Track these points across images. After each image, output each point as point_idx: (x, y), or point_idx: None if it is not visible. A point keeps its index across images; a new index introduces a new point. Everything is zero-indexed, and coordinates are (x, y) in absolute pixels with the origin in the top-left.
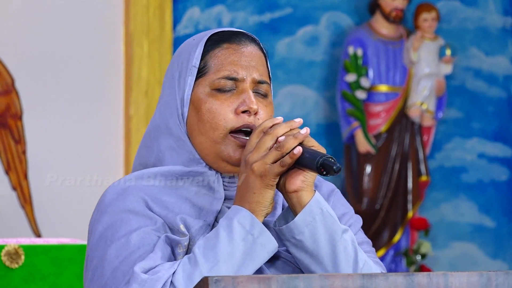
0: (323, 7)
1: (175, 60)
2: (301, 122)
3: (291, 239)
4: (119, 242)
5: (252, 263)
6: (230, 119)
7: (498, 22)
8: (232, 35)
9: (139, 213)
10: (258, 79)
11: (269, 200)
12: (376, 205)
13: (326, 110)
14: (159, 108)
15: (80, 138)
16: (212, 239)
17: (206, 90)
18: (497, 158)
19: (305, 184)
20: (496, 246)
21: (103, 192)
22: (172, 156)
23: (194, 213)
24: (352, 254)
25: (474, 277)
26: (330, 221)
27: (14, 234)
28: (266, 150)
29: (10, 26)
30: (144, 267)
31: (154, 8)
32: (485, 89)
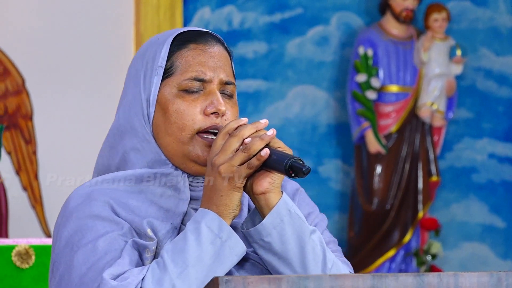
0: (334, 7)
1: (139, 58)
2: (266, 123)
3: (259, 241)
4: (86, 248)
5: (221, 266)
6: (198, 120)
7: (509, 22)
8: (198, 35)
9: (105, 218)
10: (225, 80)
11: (236, 203)
12: (387, 205)
13: (337, 111)
14: (123, 108)
15: (90, 139)
16: (180, 243)
17: (173, 91)
18: (507, 158)
19: (273, 185)
20: (506, 246)
21: (68, 197)
22: (137, 157)
23: (161, 216)
24: (321, 255)
25: (484, 277)
26: (298, 223)
27: (25, 234)
28: (232, 152)
29: (21, 27)
30: (113, 273)
31: (165, 9)
32: (496, 89)
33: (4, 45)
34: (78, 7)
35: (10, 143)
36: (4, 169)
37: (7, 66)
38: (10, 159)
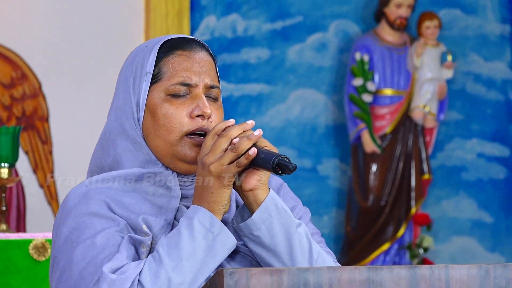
0: (332, 15)
1: (129, 65)
2: (253, 124)
3: (249, 235)
4: (85, 244)
5: (213, 259)
6: (185, 123)
7: (497, 30)
8: (184, 42)
9: (102, 216)
10: (210, 84)
11: (226, 199)
12: (382, 201)
13: (335, 113)
14: (114, 112)
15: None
16: (174, 238)
17: (161, 96)
18: (495, 158)
19: (260, 183)
20: (494, 240)
21: (65, 196)
22: (129, 158)
23: (154, 212)
24: (307, 247)
25: (473, 269)
26: (285, 217)
27: (41, 229)
28: (221, 152)
29: (38, 34)
30: (111, 267)
31: (173, 16)
32: (484, 92)
33: (22, 51)
34: (91, 15)
35: (27, 143)
36: (22, 168)
37: (24, 71)
38: (28, 158)
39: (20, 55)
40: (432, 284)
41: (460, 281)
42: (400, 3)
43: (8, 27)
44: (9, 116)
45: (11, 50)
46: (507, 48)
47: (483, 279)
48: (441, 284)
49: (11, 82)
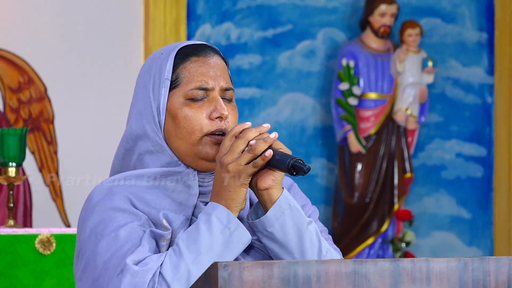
0: (320, 24)
1: (146, 72)
2: (269, 127)
3: (263, 231)
4: (109, 237)
5: (230, 253)
6: (205, 125)
7: (474, 37)
8: (198, 48)
9: (125, 211)
10: (225, 86)
11: (242, 197)
12: (366, 198)
13: (322, 115)
14: (134, 116)
15: (104, 140)
16: (193, 233)
17: (180, 100)
18: (473, 157)
19: (275, 182)
20: (471, 235)
21: (90, 192)
22: (152, 159)
23: (174, 208)
24: (317, 244)
25: (452, 262)
26: (297, 215)
27: (46, 224)
28: (239, 153)
29: (44, 42)
30: (134, 259)
31: (171, 25)
32: (463, 96)
33: (29, 57)
34: (94, 24)
35: (33, 144)
36: (29, 167)
37: (31, 76)
38: (34, 158)
39: (27, 61)
40: (413, 276)
41: (440, 273)
42: (384, 12)
43: (15, 34)
44: (17, 119)
45: (19, 56)
46: (484, 54)
47: (461, 271)
48: (422, 276)
49: (19, 86)
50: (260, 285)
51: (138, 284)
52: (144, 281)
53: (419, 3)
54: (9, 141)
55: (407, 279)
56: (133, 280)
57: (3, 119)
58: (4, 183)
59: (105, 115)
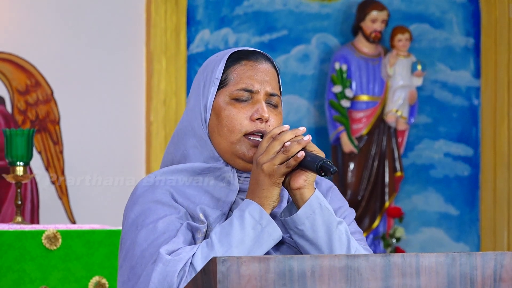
0: (314, 29)
1: (201, 72)
2: (304, 130)
3: (294, 228)
4: (148, 227)
5: (260, 248)
6: (245, 125)
7: (462, 42)
8: (250, 54)
9: (165, 204)
10: (270, 92)
11: (276, 196)
12: (358, 196)
13: (316, 117)
14: (187, 112)
15: (108, 141)
16: (226, 227)
17: (226, 99)
18: (460, 157)
19: (307, 182)
20: (459, 231)
21: (136, 185)
22: (195, 154)
23: (212, 204)
24: (346, 242)
25: (441, 257)
26: (327, 214)
27: (53, 221)
28: (274, 153)
29: (50, 46)
30: (168, 249)
31: (171, 31)
32: (450, 98)
33: (36, 61)
34: (99, 30)
35: (40, 144)
36: (36, 166)
37: (38, 79)
38: (41, 157)
39: (34, 65)
40: (404, 271)
41: (429, 267)
42: (375, 18)
43: (23, 40)
44: (24, 120)
45: (26, 61)
46: (470, 58)
47: (449, 266)
48: (412, 270)
49: (26, 89)
50: (257, 279)
51: (169, 272)
52: (174, 269)
53: (408, 10)
54: (17, 141)
55: (398, 273)
56: (165, 268)
57: (11, 120)
58: (12, 181)
59: (108, 116)
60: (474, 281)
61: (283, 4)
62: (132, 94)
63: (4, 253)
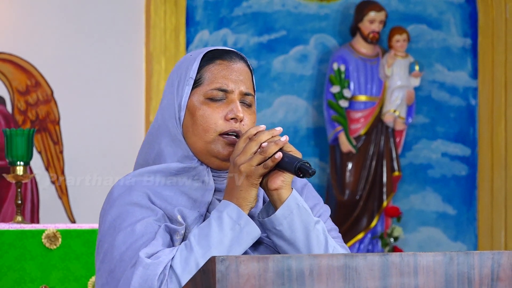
0: (312, 30)
1: (175, 71)
2: (281, 130)
3: (272, 229)
4: (126, 230)
5: (239, 248)
6: (219, 124)
7: (459, 43)
8: (224, 53)
9: (142, 206)
10: (245, 91)
11: (253, 196)
12: (356, 196)
13: (315, 117)
14: (160, 111)
15: (107, 141)
16: (205, 228)
17: (200, 99)
18: (458, 157)
19: (284, 183)
20: (456, 230)
21: (112, 187)
22: (169, 153)
23: (189, 205)
24: (323, 242)
25: (439, 256)
26: (305, 214)
27: (53, 220)
28: (251, 154)
29: (50, 47)
30: (147, 252)
31: (170, 31)
32: (448, 98)
33: (36, 62)
34: (98, 30)
35: (40, 144)
36: (36, 166)
37: (38, 80)
38: (41, 157)
39: (34, 66)
40: (402, 270)
41: (426, 267)
42: (373, 19)
43: (24, 40)
44: (24, 120)
45: (27, 61)
46: (468, 59)
47: (447, 265)
48: (409, 269)
49: (26, 89)
50: (255, 278)
51: (149, 276)
52: (155, 273)
53: (406, 10)
54: (17, 141)
55: (396, 272)
56: (145, 272)
57: (12, 120)
58: (13, 181)
59: (108, 116)
60: (472, 280)
61: (281, 5)
62: (131, 94)
63: (5, 252)
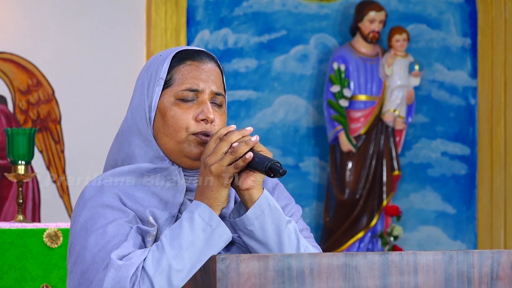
0: (312, 29)
1: (145, 71)
2: (251, 130)
3: (244, 229)
4: (98, 232)
5: (211, 250)
6: (191, 125)
7: (458, 42)
8: (194, 54)
9: (114, 208)
10: (216, 91)
11: (224, 197)
12: (356, 195)
13: (315, 116)
14: (130, 111)
15: (108, 140)
16: (176, 229)
17: (171, 100)
18: (457, 156)
19: (255, 183)
20: (456, 229)
21: (83, 189)
22: (140, 154)
23: (161, 206)
24: (295, 241)
25: (438, 255)
26: (276, 214)
27: (54, 219)
28: (222, 154)
29: (51, 46)
30: (119, 254)
31: (171, 31)
32: (447, 98)
33: (37, 61)
34: (99, 30)
35: (42, 143)
36: (37, 165)
37: (39, 79)
38: (42, 156)
39: (36, 65)
40: (401, 269)
41: (426, 265)
42: (373, 19)
43: (25, 40)
44: (26, 119)
45: (28, 61)
46: (467, 58)
47: (447, 264)
48: (409, 268)
49: (28, 88)
50: (256, 276)
51: (121, 278)
52: (127, 275)
53: (406, 10)
54: (19, 141)
55: (396, 271)
56: (117, 274)
57: (13, 119)
58: (14, 180)
59: (109, 116)
60: (471, 279)
61: (282, 5)
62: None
63: (6, 251)
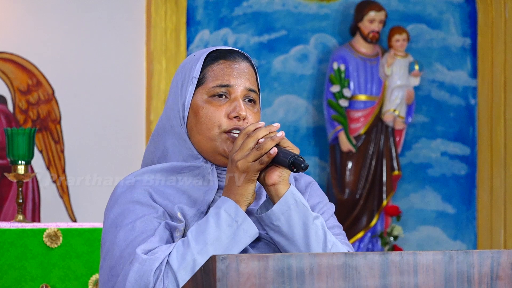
0: (312, 29)
1: (180, 71)
2: (278, 126)
3: (270, 224)
4: (127, 228)
5: (236, 245)
6: (223, 123)
7: (458, 42)
8: (227, 53)
9: (143, 203)
10: (248, 87)
11: (251, 192)
12: (356, 195)
13: (315, 116)
14: (165, 111)
15: (108, 140)
16: (202, 225)
17: (203, 97)
18: (457, 156)
19: (281, 178)
20: (456, 229)
21: (116, 185)
22: (174, 152)
23: (190, 202)
24: (322, 237)
25: (438, 255)
26: (303, 210)
27: (54, 219)
28: (248, 150)
29: (51, 46)
30: (144, 249)
31: (171, 31)
32: (447, 98)
33: (37, 62)
34: (99, 30)
35: (41, 143)
36: (37, 165)
37: (39, 79)
38: (42, 156)
39: (36, 65)
40: (401, 268)
41: (426, 265)
42: (373, 19)
43: (25, 40)
44: (26, 119)
45: (28, 61)
46: (467, 58)
47: (447, 264)
48: (409, 268)
49: (28, 88)
50: (256, 276)
51: (145, 271)
52: (151, 269)
53: (406, 10)
54: (19, 141)
55: (395, 271)
56: (141, 268)
57: (13, 119)
58: (14, 180)
59: (109, 116)
60: (471, 279)
61: (282, 5)
62: (132, 94)
63: (6, 251)
